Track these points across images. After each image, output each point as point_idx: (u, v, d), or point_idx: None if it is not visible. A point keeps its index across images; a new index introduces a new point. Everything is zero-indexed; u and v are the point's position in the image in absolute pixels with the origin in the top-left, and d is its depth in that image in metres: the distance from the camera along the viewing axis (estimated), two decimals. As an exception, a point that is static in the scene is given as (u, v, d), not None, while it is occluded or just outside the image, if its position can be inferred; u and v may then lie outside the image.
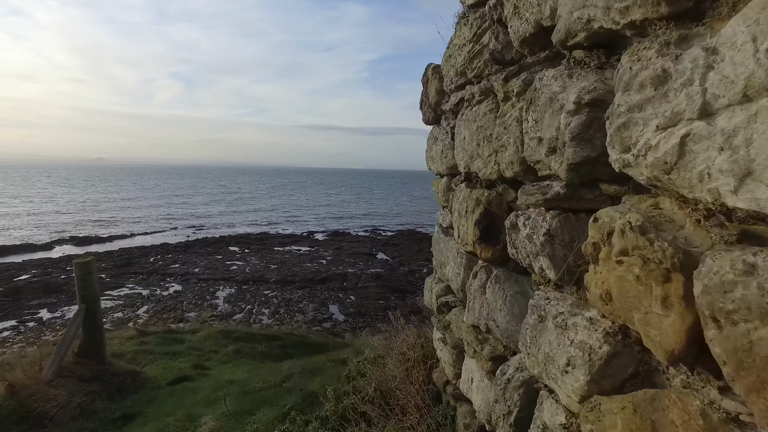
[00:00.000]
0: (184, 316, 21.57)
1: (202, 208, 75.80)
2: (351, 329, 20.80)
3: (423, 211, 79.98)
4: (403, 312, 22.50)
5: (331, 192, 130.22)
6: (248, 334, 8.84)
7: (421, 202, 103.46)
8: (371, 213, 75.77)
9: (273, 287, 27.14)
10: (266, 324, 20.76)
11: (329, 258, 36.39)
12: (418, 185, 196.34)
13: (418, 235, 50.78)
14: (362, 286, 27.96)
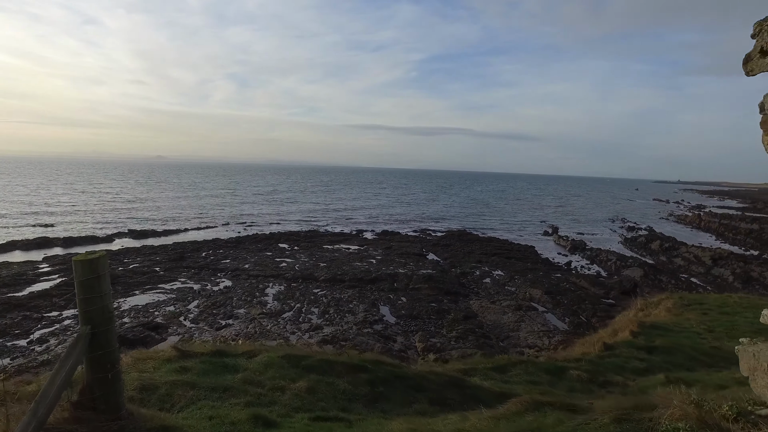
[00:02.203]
0: (234, 312, 21.34)
1: (254, 204, 77.12)
2: (403, 332, 19.91)
3: (472, 213, 78.19)
4: (458, 317, 21.45)
5: (380, 191, 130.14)
6: (322, 361, 6.67)
7: (470, 203, 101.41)
8: (420, 213, 74.74)
9: (322, 286, 26.66)
10: (316, 324, 20.20)
11: (379, 257, 35.68)
12: (466, 186, 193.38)
13: (468, 237, 49.43)
14: (413, 287, 27.04)
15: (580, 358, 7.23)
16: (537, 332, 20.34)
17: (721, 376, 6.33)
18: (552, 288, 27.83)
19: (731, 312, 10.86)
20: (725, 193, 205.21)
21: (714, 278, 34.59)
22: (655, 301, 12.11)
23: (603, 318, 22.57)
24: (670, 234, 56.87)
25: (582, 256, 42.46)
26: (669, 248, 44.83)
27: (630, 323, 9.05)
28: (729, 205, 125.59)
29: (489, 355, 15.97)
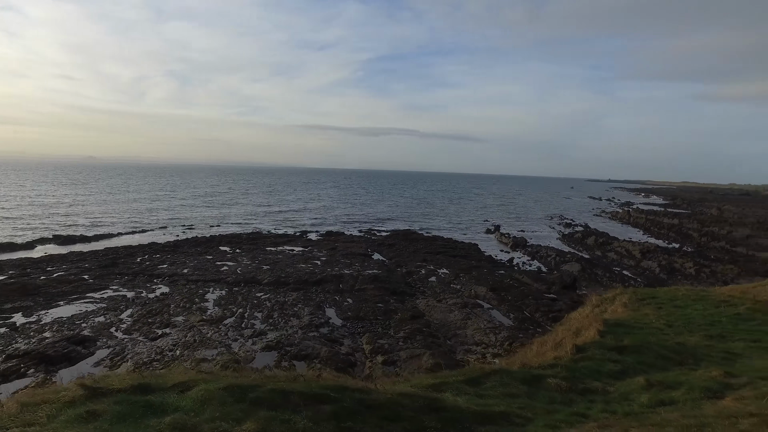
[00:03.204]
0: (171, 320, 20.18)
1: (194, 206, 74.20)
2: (350, 335, 19.52)
3: (417, 213, 78.85)
4: (405, 317, 21.32)
5: (325, 192, 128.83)
6: (274, 392, 5.33)
7: (415, 203, 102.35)
8: (365, 213, 74.54)
9: (266, 289, 25.82)
10: (260, 329, 19.44)
11: (324, 259, 35.09)
12: (410, 186, 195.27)
13: (413, 236, 49.63)
14: (359, 288, 26.71)
15: (555, 364, 6.97)
16: (483, 329, 20.54)
17: (698, 376, 6.37)
18: (496, 285, 28.30)
19: (682, 305, 11.25)
20: (650, 191, 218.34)
21: (643, 270, 36.46)
22: (610, 297, 12.30)
23: (546, 312, 23.16)
24: (603, 230, 59.60)
25: (523, 253, 43.63)
26: (603, 243, 46.92)
27: (594, 321, 8.98)
28: (654, 201, 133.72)
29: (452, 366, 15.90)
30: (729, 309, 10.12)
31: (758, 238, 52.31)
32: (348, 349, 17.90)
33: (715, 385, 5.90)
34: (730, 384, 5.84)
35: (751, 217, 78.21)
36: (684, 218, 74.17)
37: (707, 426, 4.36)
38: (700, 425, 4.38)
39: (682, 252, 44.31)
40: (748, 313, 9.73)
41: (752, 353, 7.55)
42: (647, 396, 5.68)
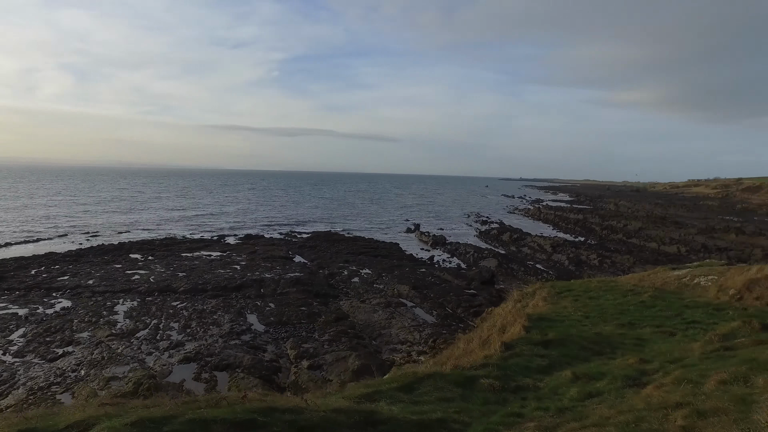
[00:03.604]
0: (74, 337, 18.50)
1: (98, 212, 68.81)
2: (273, 340, 18.98)
3: (337, 214, 78.59)
4: (329, 319, 21.10)
5: (242, 194, 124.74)
6: (193, 422, 4.51)
7: (335, 204, 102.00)
8: (285, 215, 73.11)
9: (182, 297, 24.47)
10: (177, 340, 18.35)
11: (243, 263, 33.93)
12: (331, 187, 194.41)
13: (334, 237, 49.40)
14: (281, 292, 26.10)
15: (486, 363, 6.99)
16: (408, 327, 20.81)
17: (617, 365, 6.75)
18: (418, 283, 28.81)
19: (596, 296, 11.99)
20: (557, 189, 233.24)
21: (554, 263, 38.79)
22: (531, 291, 12.80)
23: (468, 308, 23.91)
24: (517, 226, 62.76)
25: (443, 251, 44.84)
26: (517, 239, 49.36)
27: (518, 317, 9.24)
28: (561, 198, 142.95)
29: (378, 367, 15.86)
30: (635, 297, 11.01)
31: (648, 230, 57.50)
32: (272, 355, 17.39)
33: (634, 372, 6.28)
34: (645, 370, 6.29)
35: (641, 211, 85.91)
36: (587, 213, 79.93)
37: (643, 421, 4.53)
38: (637, 420, 4.56)
39: (587, 245, 47.68)
40: (650, 300, 10.64)
41: (657, 338, 8.29)
42: (575, 389, 5.94)
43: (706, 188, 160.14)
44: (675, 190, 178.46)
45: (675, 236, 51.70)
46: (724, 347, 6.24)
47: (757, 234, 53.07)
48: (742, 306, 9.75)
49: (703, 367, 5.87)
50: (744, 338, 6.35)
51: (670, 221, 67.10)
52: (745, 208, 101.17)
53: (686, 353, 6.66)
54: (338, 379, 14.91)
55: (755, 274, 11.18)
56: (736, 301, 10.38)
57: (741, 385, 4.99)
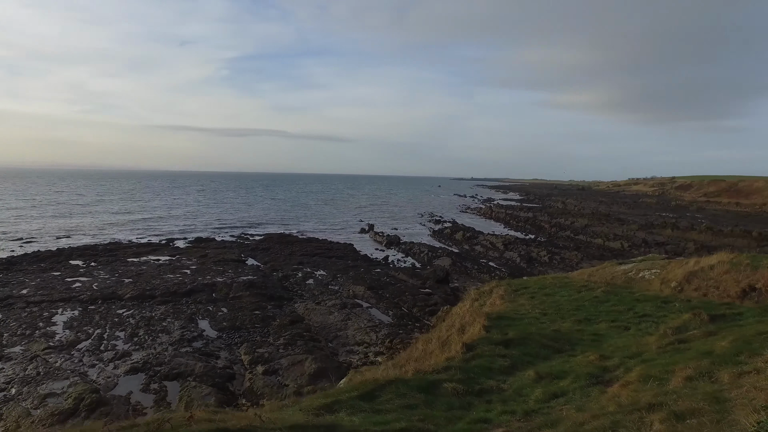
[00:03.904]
0: (4, 352, 17.25)
1: (33, 217, 64.86)
2: (227, 346, 18.44)
3: (290, 215, 77.53)
4: (284, 322, 20.72)
5: (191, 196, 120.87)
6: None
7: (288, 205, 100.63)
8: (236, 217, 71.43)
9: (129, 305, 23.39)
10: (123, 350, 17.48)
11: (194, 267, 32.86)
12: (283, 188, 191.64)
13: (287, 239, 48.66)
14: (234, 296, 25.42)
15: (448, 366, 6.76)
16: (364, 328, 20.72)
17: (579, 362, 6.78)
18: (374, 283, 28.78)
19: (551, 292, 12.21)
20: (508, 188, 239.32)
21: (506, 261, 39.71)
22: (488, 290, 12.87)
23: (423, 307, 24.06)
24: (469, 225, 63.87)
25: (397, 250, 45.04)
26: (470, 237, 50.23)
27: (477, 316, 9.19)
28: (511, 197, 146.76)
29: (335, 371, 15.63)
30: (588, 293, 11.35)
31: (593, 226, 59.91)
32: (225, 362, 16.88)
33: (596, 369, 6.33)
34: (607, 367, 6.38)
35: (587, 209, 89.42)
36: (537, 212, 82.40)
37: (619, 425, 4.43)
38: (614, 425, 4.44)
39: (537, 242, 49.11)
40: (603, 295, 11.00)
41: (613, 333, 8.47)
42: (540, 390, 5.88)
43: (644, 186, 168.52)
44: (617, 188, 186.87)
45: (618, 232, 54.06)
46: (678, 340, 6.43)
47: (689, 229, 56.27)
48: (686, 298, 10.26)
49: (662, 361, 5.91)
50: (695, 330, 6.58)
51: (614, 218, 70.16)
52: (678, 204, 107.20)
53: (643, 347, 6.83)
54: (295, 384, 14.65)
55: (693, 267, 11.80)
56: (678, 292, 10.92)
57: (707, 381, 4.97)
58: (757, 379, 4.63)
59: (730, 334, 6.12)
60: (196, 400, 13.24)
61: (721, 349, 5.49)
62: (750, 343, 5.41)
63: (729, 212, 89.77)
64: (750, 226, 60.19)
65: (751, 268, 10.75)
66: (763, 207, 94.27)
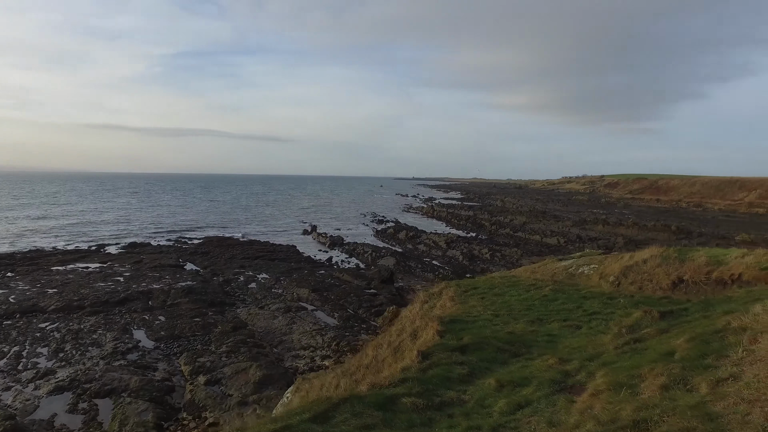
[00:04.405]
0: None
1: (-60, 224, 59.19)
2: (165, 357, 17.50)
3: (230, 217, 75.29)
4: (226, 329, 19.96)
5: (124, 200, 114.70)
6: None
7: (228, 207, 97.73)
8: (174, 221, 68.47)
9: (53, 317, 21.74)
10: (46, 368, 16.12)
11: (128, 274, 31.11)
12: (223, 190, 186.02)
13: (228, 242, 47.19)
14: (172, 303, 24.26)
15: (405, 377, 6.43)
16: (310, 332, 20.33)
17: (538, 367, 6.59)
18: (318, 285, 28.37)
19: (501, 292, 12.22)
20: (448, 187, 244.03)
21: (449, 259, 40.33)
22: (437, 291, 12.69)
23: (369, 308, 23.93)
24: (412, 224, 64.48)
25: (341, 251, 44.73)
26: (413, 237, 50.67)
27: (430, 321, 8.90)
28: (452, 196, 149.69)
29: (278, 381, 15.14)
30: (537, 292, 11.51)
31: (531, 224, 62.14)
32: (164, 373, 15.99)
33: (557, 375, 6.17)
34: (568, 371, 6.23)
35: (525, 207, 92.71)
36: (477, 210, 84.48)
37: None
38: None
39: (479, 240, 50.28)
40: (552, 294, 11.21)
41: (566, 333, 8.45)
42: (503, 400, 5.62)
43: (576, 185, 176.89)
44: (552, 186, 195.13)
45: (554, 229, 56.34)
46: (633, 339, 6.41)
47: (618, 224, 59.54)
48: (629, 293, 10.70)
49: (625, 364, 5.78)
50: (648, 328, 6.66)
51: (550, 215, 73.07)
52: (607, 201, 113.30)
53: (600, 348, 6.81)
54: (239, 393, 14.09)
55: (628, 261, 12.38)
56: (616, 287, 11.40)
57: (683, 390, 4.71)
58: (739, 389, 4.38)
59: (683, 331, 6.10)
60: (132, 418, 12.43)
61: (682, 350, 5.34)
62: (708, 343, 5.30)
63: (651, 208, 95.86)
64: (669, 220, 64.52)
65: (679, 261, 11.40)
66: (678, 203, 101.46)
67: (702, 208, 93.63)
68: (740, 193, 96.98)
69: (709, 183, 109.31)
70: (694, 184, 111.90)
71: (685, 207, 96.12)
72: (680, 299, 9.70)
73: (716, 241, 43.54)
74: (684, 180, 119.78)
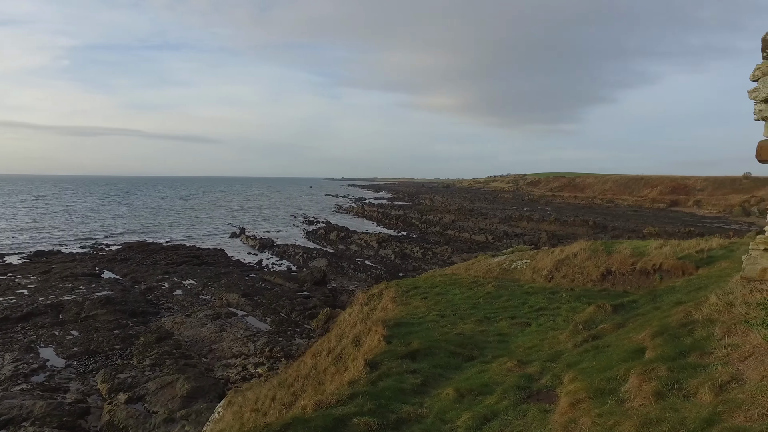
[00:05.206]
0: None
1: None
2: (78, 376, 15.98)
3: (152, 222, 71.24)
4: (150, 340, 18.65)
5: (28, 204, 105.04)
6: None
7: (149, 211, 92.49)
8: (90, 227, 63.63)
9: (-59, 338, 19.31)
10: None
11: (33, 286, 28.36)
12: (143, 193, 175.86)
13: (150, 247, 44.53)
14: (87, 315, 22.37)
15: (354, 393, 5.68)
16: (241, 339, 19.44)
17: (497, 371, 6.14)
18: (248, 289, 27.37)
19: (443, 291, 12.00)
20: (378, 187, 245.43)
21: (382, 258, 40.37)
22: (377, 293, 12.20)
23: (302, 311, 23.29)
24: (343, 224, 64.05)
25: (271, 253, 43.56)
26: (344, 237, 50.30)
27: (373, 325, 8.28)
28: (382, 196, 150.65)
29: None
30: (480, 289, 11.48)
31: (460, 221, 63.69)
32: (77, 395, 14.57)
33: (520, 380, 5.66)
34: (530, 376, 5.78)
35: (453, 205, 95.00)
36: (407, 209, 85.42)
37: None
38: None
39: (410, 239, 50.77)
40: (495, 290, 11.22)
41: (517, 331, 8.25)
42: (467, 414, 4.98)
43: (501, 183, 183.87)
44: (478, 185, 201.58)
45: (482, 226, 58.04)
46: (591, 336, 6.20)
47: (541, 220, 62.44)
48: (565, 287, 10.98)
49: (592, 365, 5.26)
50: (605, 323, 6.56)
51: (477, 213, 75.27)
52: (530, 199, 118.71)
53: (557, 346, 6.56)
54: (165, 410, 13.11)
55: (559, 255, 12.77)
56: (549, 281, 11.70)
57: (680, 397, 3.99)
58: (753, 395, 3.61)
59: (641, 325, 5.90)
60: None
61: (653, 347, 4.79)
62: (678, 337, 4.81)
63: (570, 204, 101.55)
64: (586, 216, 68.57)
65: (606, 254, 11.91)
66: (594, 199, 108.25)
67: (614, 203, 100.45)
68: (645, 190, 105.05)
69: (619, 181, 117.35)
70: (607, 182, 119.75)
71: (600, 203, 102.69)
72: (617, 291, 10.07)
73: (627, 234, 46.67)
74: (598, 178, 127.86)
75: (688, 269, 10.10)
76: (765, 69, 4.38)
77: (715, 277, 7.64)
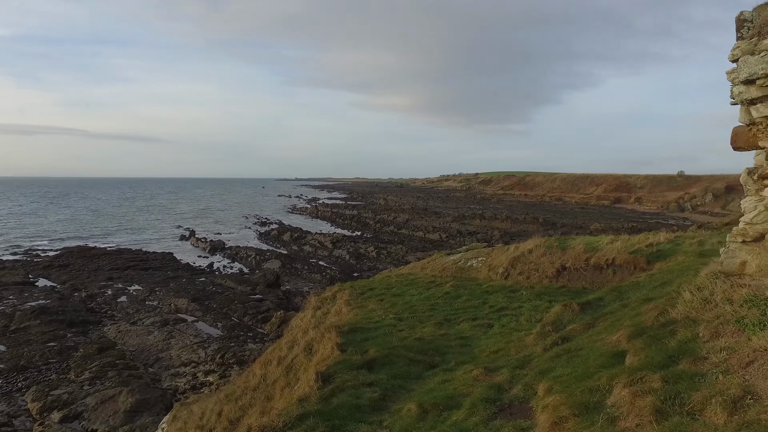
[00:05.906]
0: None
1: None
2: (4, 395, 14.66)
3: (94, 225, 67.73)
4: (90, 352, 17.51)
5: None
6: None
7: (91, 214, 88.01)
8: (23, 232, 59.68)
9: None
10: None
11: (-43, 297, 26.21)
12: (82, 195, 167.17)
13: (92, 252, 42.23)
14: (18, 328, 20.78)
15: (304, 413, 5.07)
16: (190, 346, 18.58)
17: (462, 381, 5.62)
18: (198, 294, 26.35)
19: (400, 292, 11.57)
20: (332, 187, 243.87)
21: (336, 258, 39.88)
22: (330, 295, 11.66)
23: (255, 315, 22.56)
24: (297, 225, 63.05)
25: (223, 256, 42.27)
26: (298, 238, 49.46)
27: (326, 332, 7.63)
28: (336, 196, 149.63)
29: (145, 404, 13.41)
30: (438, 289, 11.25)
31: (414, 220, 63.97)
32: (1, 417, 13.33)
33: (489, 391, 5.15)
34: (500, 386, 5.27)
35: (407, 204, 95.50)
36: (361, 209, 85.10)
37: None
38: None
39: (364, 238, 50.49)
40: (453, 290, 11.02)
41: (479, 333, 7.93)
42: None
43: (454, 182, 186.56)
44: (431, 184, 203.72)
45: (436, 225, 58.49)
46: (561, 338, 5.91)
47: (493, 218, 63.63)
48: (523, 284, 10.96)
49: (566, 372, 4.79)
50: (574, 324, 6.25)
51: (431, 212, 75.90)
52: (482, 197, 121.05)
53: (525, 350, 6.18)
54: (106, 427, 12.24)
55: (514, 252, 12.80)
56: (505, 278, 11.69)
57: (686, 416, 3.35)
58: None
59: (612, 325, 5.58)
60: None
61: (634, 351, 4.34)
62: (660, 339, 4.39)
63: (521, 202, 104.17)
64: (536, 213, 70.48)
65: (561, 250, 12.01)
66: (543, 197, 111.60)
67: (562, 201, 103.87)
68: (591, 188, 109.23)
69: (567, 179, 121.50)
70: (555, 180, 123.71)
71: (549, 201, 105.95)
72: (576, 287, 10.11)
73: (576, 230, 48.22)
74: (547, 177, 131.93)
75: (640, 263, 10.28)
76: (744, 47, 4.30)
77: (677, 272, 7.66)
